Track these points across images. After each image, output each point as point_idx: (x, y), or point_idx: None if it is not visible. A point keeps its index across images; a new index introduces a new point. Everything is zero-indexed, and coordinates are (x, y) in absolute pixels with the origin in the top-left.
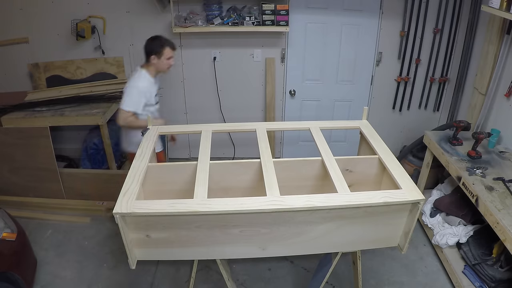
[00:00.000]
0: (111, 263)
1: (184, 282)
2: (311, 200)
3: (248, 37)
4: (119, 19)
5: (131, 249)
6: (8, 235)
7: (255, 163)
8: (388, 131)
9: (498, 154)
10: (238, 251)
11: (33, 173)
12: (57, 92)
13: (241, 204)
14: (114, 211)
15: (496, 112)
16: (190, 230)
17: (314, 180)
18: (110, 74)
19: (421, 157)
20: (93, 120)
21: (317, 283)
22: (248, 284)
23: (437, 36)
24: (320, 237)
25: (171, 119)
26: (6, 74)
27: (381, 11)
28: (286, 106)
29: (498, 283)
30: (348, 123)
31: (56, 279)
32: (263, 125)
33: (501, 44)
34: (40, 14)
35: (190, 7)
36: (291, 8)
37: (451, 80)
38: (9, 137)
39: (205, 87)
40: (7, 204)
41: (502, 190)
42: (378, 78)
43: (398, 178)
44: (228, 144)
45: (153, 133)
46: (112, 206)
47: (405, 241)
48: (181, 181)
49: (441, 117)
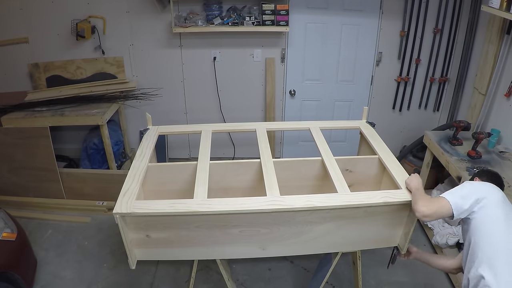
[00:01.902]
0: (111, 263)
1: (184, 282)
2: (311, 200)
3: (248, 37)
4: (119, 19)
5: (131, 249)
6: (8, 235)
7: (255, 163)
8: (388, 131)
9: (498, 154)
10: (238, 251)
11: (33, 173)
12: (57, 92)
13: (241, 204)
14: (114, 211)
15: (496, 112)
16: (190, 230)
17: (314, 180)
18: (110, 74)
19: (421, 157)
20: (93, 120)
21: (317, 283)
22: (248, 284)
23: (437, 36)
24: (320, 237)
25: (171, 119)
26: (6, 74)
27: (381, 11)
28: (286, 106)
29: None
30: (348, 123)
31: (56, 279)
32: (263, 125)
33: (501, 44)
34: (40, 14)
35: (190, 7)
36: (291, 8)
37: (451, 80)
38: (9, 137)
39: (205, 87)
40: (7, 204)
41: None
42: (378, 78)
43: (398, 178)
44: (228, 144)
45: (153, 133)
46: (112, 206)
47: (405, 241)
48: (181, 181)
49: (441, 117)
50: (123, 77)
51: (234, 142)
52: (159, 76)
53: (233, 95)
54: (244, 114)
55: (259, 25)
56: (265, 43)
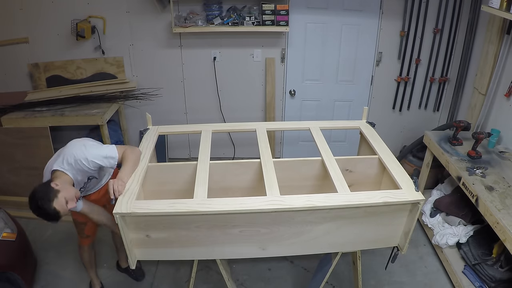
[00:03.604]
0: (111, 263)
1: (184, 282)
2: (311, 200)
3: (248, 37)
4: (119, 19)
5: (131, 249)
6: (8, 235)
7: (255, 163)
8: (388, 131)
9: (498, 154)
10: (238, 251)
11: (33, 173)
12: (57, 92)
13: (241, 204)
14: (114, 211)
15: (496, 112)
16: (190, 230)
17: (314, 180)
18: (110, 74)
19: (421, 157)
20: (93, 120)
21: (317, 283)
22: (248, 284)
23: (437, 36)
24: (320, 237)
25: (171, 119)
26: (6, 74)
27: (381, 11)
28: (286, 106)
29: (498, 283)
30: (348, 123)
31: (56, 279)
32: (263, 125)
33: (501, 44)
34: (40, 14)
35: (190, 7)
36: (291, 8)
37: (451, 80)
38: (9, 137)
39: (205, 87)
40: (7, 204)
41: (502, 190)
42: (378, 78)
43: (398, 178)
44: (228, 144)
45: (153, 133)
46: None
47: (405, 241)
48: (181, 181)
49: (441, 117)
50: (123, 77)
51: (234, 142)
52: (159, 76)
53: (233, 95)
54: (244, 114)
55: (259, 25)
56: (265, 43)
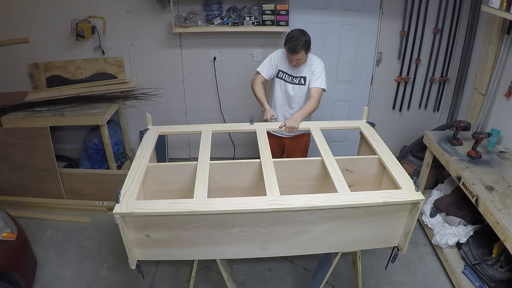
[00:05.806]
0: (111, 263)
1: (184, 282)
2: (311, 200)
3: (248, 37)
4: (119, 19)
5: (131, 249)
6: (8, 235)
7: (255, 163)
8: (388, 131)
9: (498, 154)
10: (238, 251)
11: (33, 173)
12: (57, 92)
13: (241, 204)
14: (114, 211)
15: (496, 112)
16: (190, 230)
17: (314, 180)
18: (110, 74)
19: (421, 157)
20: (93, 120)
21: (317, 283)
22: (248, 284)
23: (437, 36)
24: (320, 237)
25: (171, 119)
26: (6, 74)
27: (381, 11)
28: None
29: (498, 283)
30: (348, 123)
31: (56, 279)
32: (263, 125)
33: (501, 44)
34: (40, 14)
35: (190, 7)
36: (291, 8)
37: (451, 80)
38: (9, 137)
39: (205, 87)
40: (7, 204)
41: (502, 190)
42: (378, 78)
43: (398, 178)
44: (228, 144)
45: (153, 133)
46: (112, 206)
47: (405, 241)
48: (181, 181)
49: (441, 117)
50: (123, 77)
51: (234, 142)
52: (159, 76)
53: (233, 95)
54: (244, 114)
55: (259, 25)
56: (265, 43)
